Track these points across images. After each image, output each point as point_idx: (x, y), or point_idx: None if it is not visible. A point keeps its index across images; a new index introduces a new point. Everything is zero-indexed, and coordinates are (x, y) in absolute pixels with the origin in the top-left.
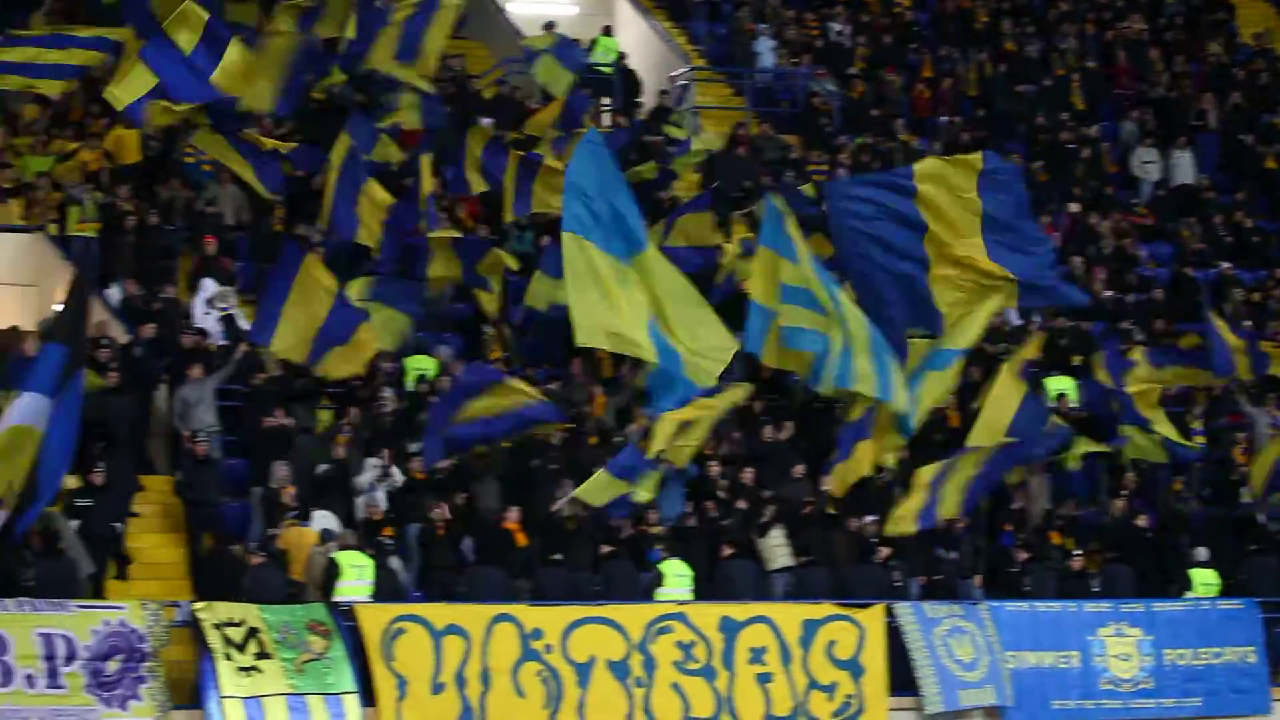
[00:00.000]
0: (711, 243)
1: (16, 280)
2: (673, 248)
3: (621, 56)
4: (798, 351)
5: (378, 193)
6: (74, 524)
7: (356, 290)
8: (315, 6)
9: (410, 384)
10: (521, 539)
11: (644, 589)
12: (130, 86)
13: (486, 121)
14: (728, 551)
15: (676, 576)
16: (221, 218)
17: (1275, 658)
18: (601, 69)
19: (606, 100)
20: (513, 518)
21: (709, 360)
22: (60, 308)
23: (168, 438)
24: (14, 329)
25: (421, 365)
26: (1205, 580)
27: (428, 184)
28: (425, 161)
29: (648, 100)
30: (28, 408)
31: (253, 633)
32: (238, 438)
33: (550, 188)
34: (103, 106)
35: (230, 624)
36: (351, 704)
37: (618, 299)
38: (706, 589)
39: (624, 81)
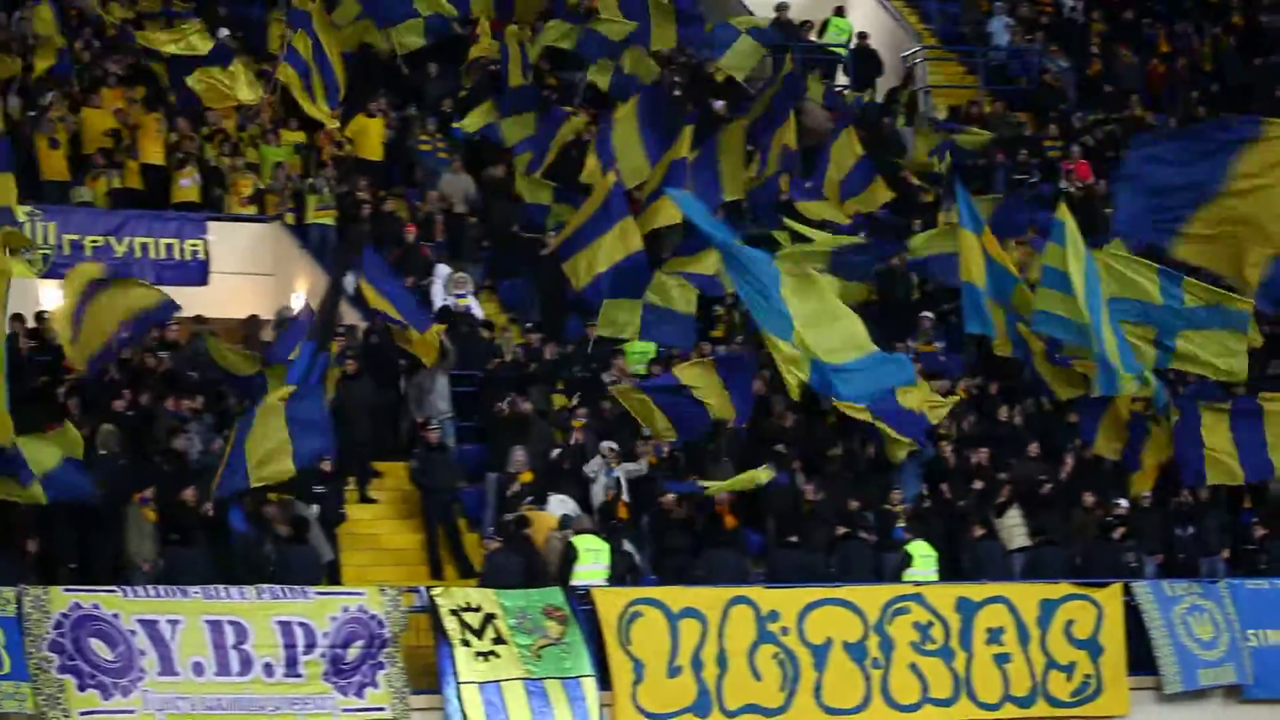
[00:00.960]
0: None
1: (254, 270)
2: None
3: (862, 36)
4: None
5: None
6: (314, 509)
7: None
8: None
9: (635, 368)
10: (731, 521)
11: (892, 570)
12: None
13: (719, 104)
14: (978, 532)
15: (923, 557)
16: (450, 205)
17: None
18: (834, 49)
19: (842, 81)
20: (723, 500)
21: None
22: (314, 309)
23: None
24: (253, 318)
25: (644, 350)
26: None
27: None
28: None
29: (886, 80)
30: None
31: (489, 618)
32: (474, 423)
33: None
34: None
35: (468, 609)
36: (590, 687)
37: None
38: (952, 570)
39: (862, 61)
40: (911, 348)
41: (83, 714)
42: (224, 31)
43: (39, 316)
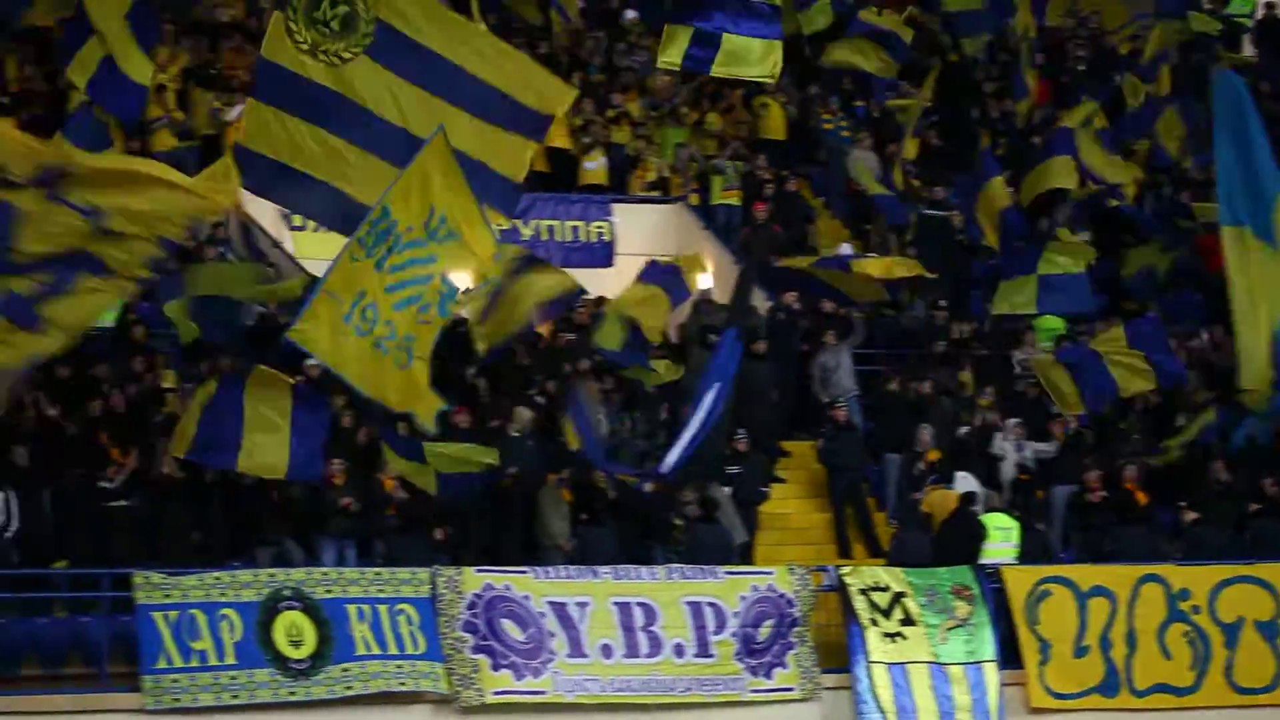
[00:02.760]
0: None
1: (659, 252)
2: None
3: (1270, 6)
4: None
5: None
6: (726, 491)
7: None
8: None
9: (1044, 343)
10: (1142, 498)
11: None
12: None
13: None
14: None
15: None
16: (850, 182)
17: None
18: (1238, 20)
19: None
20: (1132, 477)
21: None
22: (730, 295)
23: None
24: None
25: (1053, 326)
26: None
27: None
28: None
29: None
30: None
31: (898, 597)
32: (875, 401)
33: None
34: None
35: (876, 588)
36: (990, 673)
37: None
38: None
39: (1273, 32)
40: None
41: (496, 694)
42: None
43: None
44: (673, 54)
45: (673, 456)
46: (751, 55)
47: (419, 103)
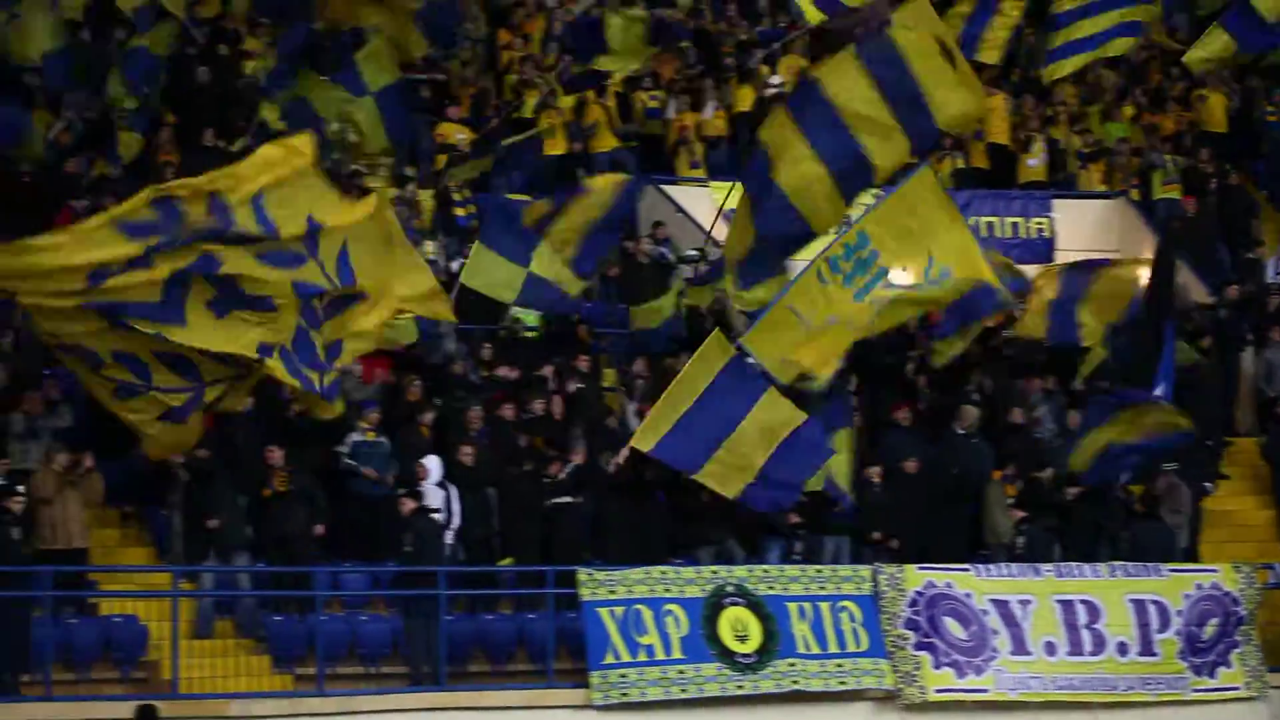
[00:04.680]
0: None
1: (1100, 247)
2: None
3: None
4: None
5: None
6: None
7: None
8: None
9: None
10: None
11: None
12: (1208, 47)
13: None
14: None
15: None
16: None
17: None
18: None
19: None
20: None
21: None
22: (1148, 280)
23: (1253, 400)
24: None
25: None
26: None
27: None
28: None
29: None
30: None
31: None
32: None
33: None
34: (1181, 70)
35: None
36: None
37: None
38: None
39: None
40: None
41: (938, 691)
42: None
43: None
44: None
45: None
46: None
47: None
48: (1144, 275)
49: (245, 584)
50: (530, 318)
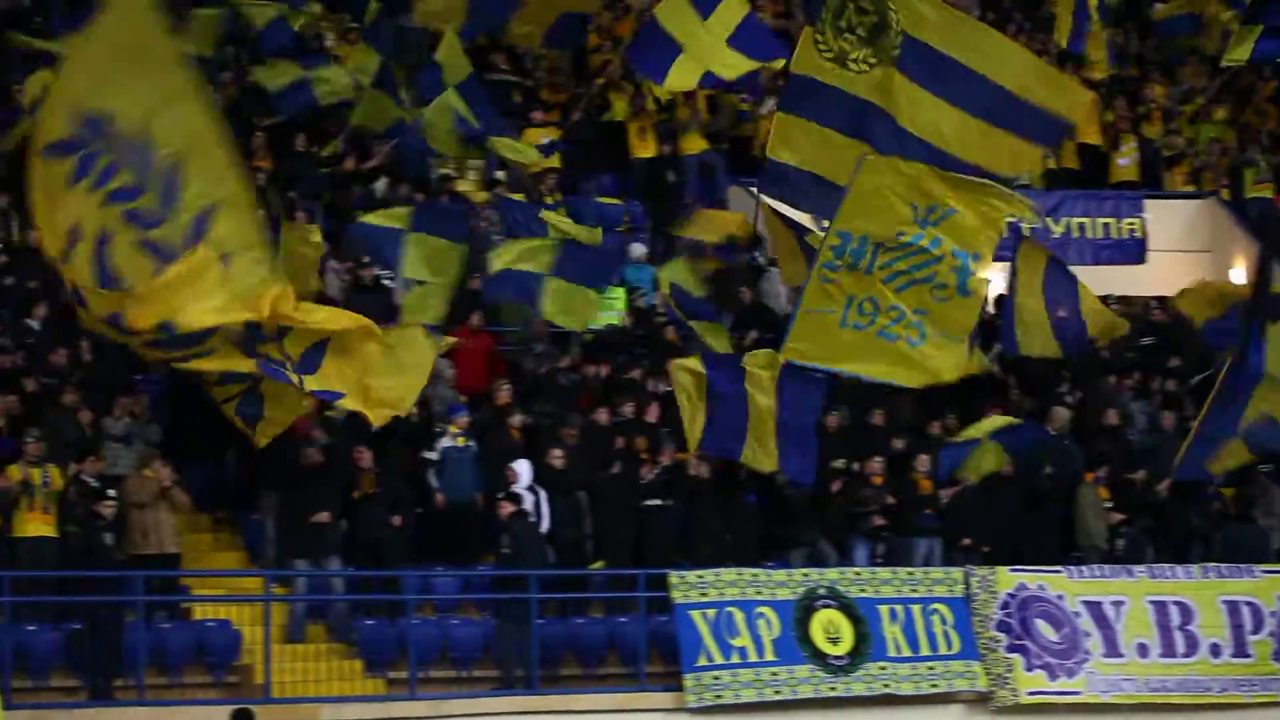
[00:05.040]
0: None
1: (1191, 247)
2: None
3: None
4: None
5: None
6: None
7: None
8: None
9: None
10: None
11: None
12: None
13: None
14: None
15: None
16: None
17: None
18: None
19: None
20: None
21: None
22: (1246, 282)
23: None
24: (1184, 293)
25: None
26: None
27: None
28: None
29: None
30: None
31: None
32: None
33: None
34: (1273, 69)
35: None
36: None
37: None
38: None
39: None
40: None
41: (1030, 694)
42: None
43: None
44: (1239, 52)
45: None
46: None
47: (934, 110)
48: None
49: (338, 588)
50: (613, 314)
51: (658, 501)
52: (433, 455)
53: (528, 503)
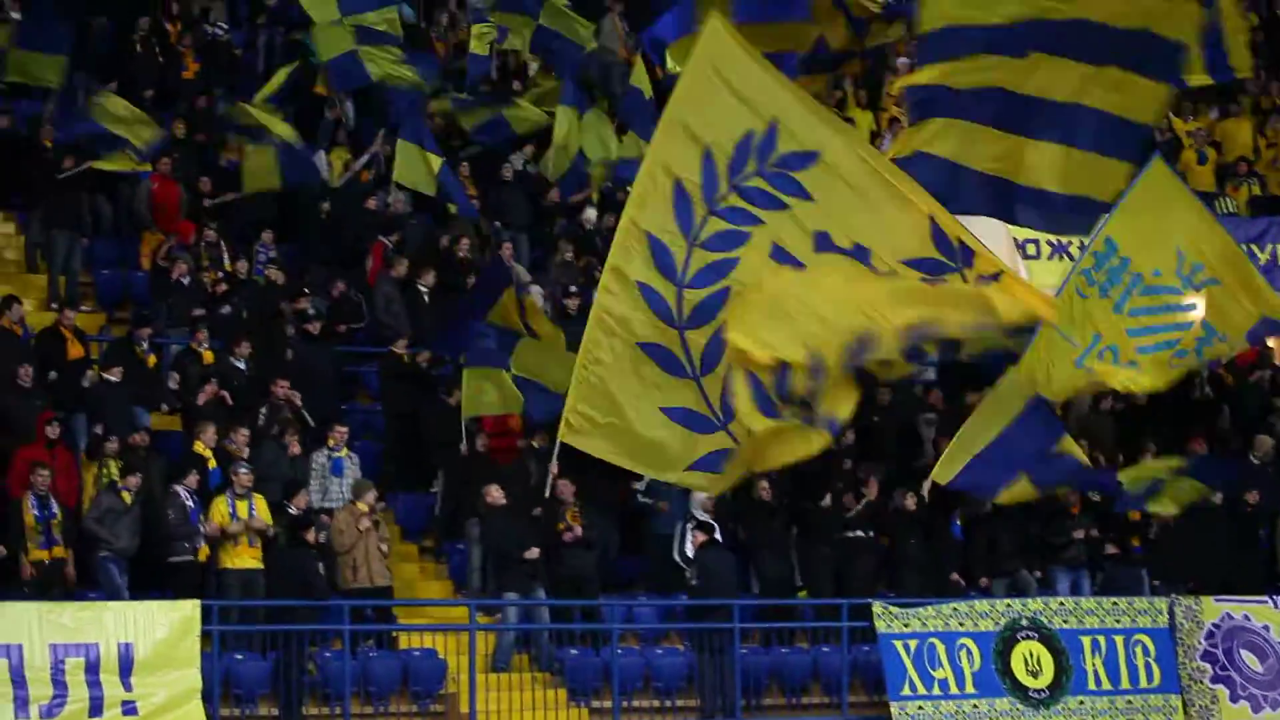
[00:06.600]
0: None
1: None
2: None
3: None
4: None
5: None
6: None
7: None
8: None
9: None
10: None
11: None
12: None
13: None
14: None
15: None
16: None
17: None
18: None
19: None
20: None
21: None
22: None
23: None
24: None
25: None
26: None
27: None
28: None
29: None
30: None
31: None
32: None
33: None
34: None
35: None
36: None
37: None
38: None
39: None
40: None
41: None
42: None
43: None
44: None
45: None
46: None
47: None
48: None
49: (542, 617)
50: None
51: (861, 532)
52: (639, 486)
53: (718, 532)
